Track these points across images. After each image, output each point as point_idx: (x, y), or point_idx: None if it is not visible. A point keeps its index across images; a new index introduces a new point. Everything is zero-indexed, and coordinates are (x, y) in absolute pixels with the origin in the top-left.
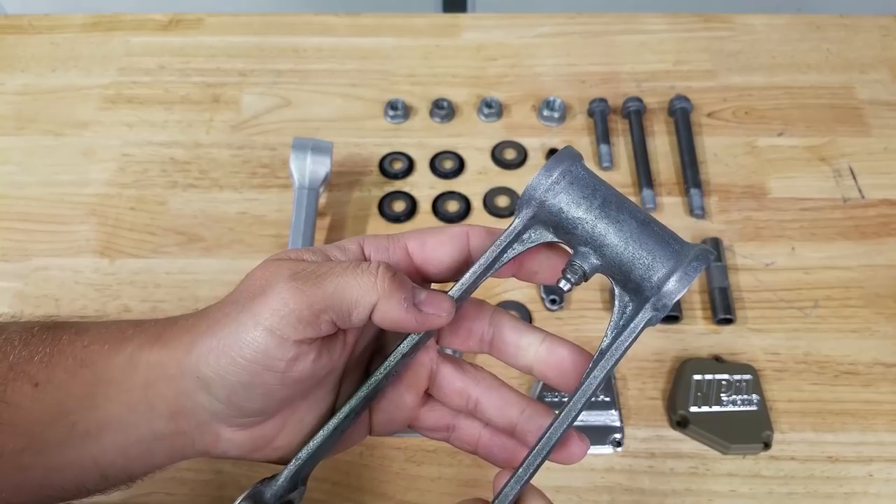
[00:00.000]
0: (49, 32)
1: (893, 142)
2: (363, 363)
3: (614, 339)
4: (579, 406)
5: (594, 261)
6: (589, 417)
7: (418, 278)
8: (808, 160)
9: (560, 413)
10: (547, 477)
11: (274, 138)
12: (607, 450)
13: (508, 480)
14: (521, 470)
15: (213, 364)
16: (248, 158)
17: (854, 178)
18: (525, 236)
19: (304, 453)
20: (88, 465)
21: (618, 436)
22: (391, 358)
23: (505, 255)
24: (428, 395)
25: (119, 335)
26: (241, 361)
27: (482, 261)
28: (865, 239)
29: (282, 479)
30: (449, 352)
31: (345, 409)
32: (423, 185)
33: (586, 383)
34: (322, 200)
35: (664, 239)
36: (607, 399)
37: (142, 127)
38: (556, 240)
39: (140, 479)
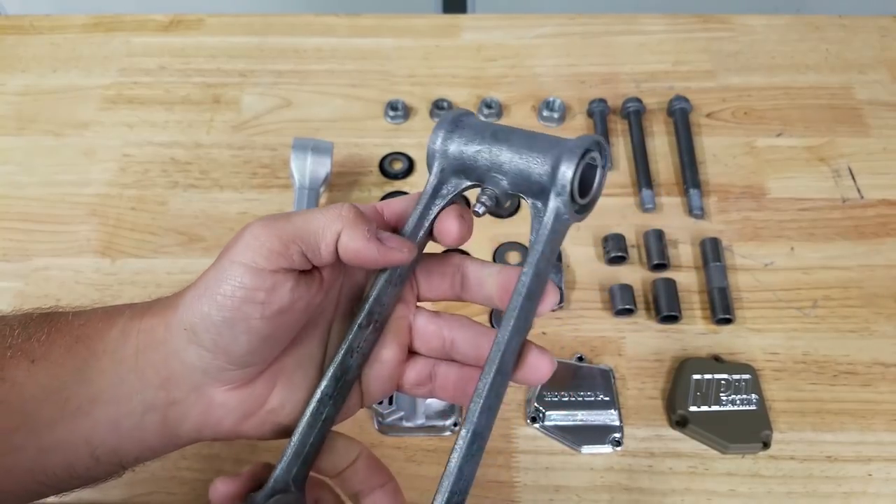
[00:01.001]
0: (50, 33)
1: (892, 142)
2: (346, 319)
3: (536, 236)
4: (516, 309)
5: (502, 182)
6: (588, 417)
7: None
8: (807, 160)
9: (503, 322)
10: (546, 477)
11: (274, 139)
12: (606, 449)
13: (469, 405)
14: (478, 386)
15: (198, 309)
16: (248, 159)
17: (853, 178)
18: (443, 190)
19: (302, 424)
20: (80, 443)
21: (617, 435)
22: (369, 300)
23: (430, 212)
24: (410, 353)
25: (113, 311)
26: (220, 299)
27: (410, 222)
28: (864, 239)
29: (277, 469)
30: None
31: (331, 368)
32: (423, 185)
33: (519, 282)
34: (322, 200)
35: (551, 141)
36: (606, 398)
37: (142, 127)
38: (469, 183)
39: (131, 467)
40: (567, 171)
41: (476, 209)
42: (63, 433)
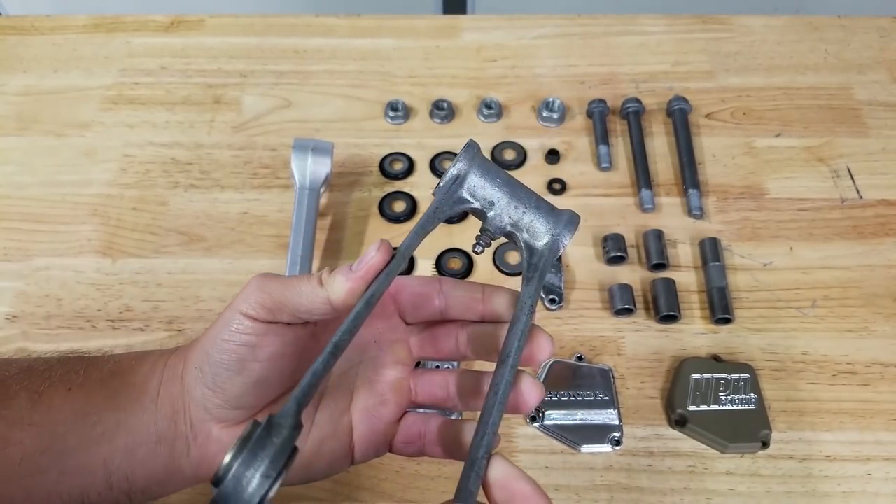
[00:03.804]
0: (51, 33)
1: (891, 142)
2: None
3: (534, 269)
4: (516, 341)
5: (504, 224)
6: (588, 416)
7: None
8: (806, 161)
9: (502, 358)
10: (545, 476)
11: (275, 139)
12: (606, 448)
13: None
14: (479, 432)
15: (204, 351)
16: (249, 159)
17: (852, 178)
18: (457, 194)
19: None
20: (98, 468)
21: (616, 435)
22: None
23: (427, 229)
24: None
25: (144, 352)
26: (220, 342)
27: (407, 240)
28: (863, 239)
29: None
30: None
31: (328, 347)
32: (424, 186)
33: (517, 326)
34: (323, 201)
35: (545, 206)
36: (606, 398)
37: (143, 128)
38: (470, 209)
39: (138, 499)
40: (566, 241)
41: (476, 250)
42: (85, 457)
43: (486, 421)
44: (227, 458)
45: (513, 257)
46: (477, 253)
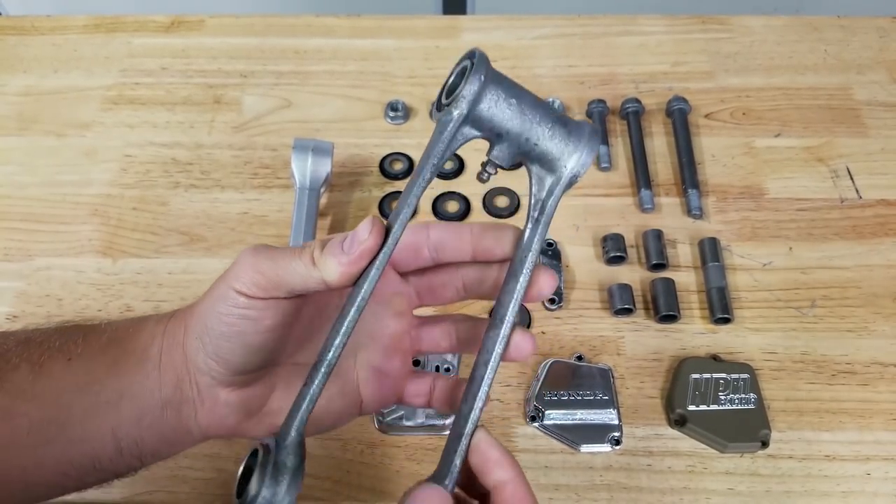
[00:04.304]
0: (51, 33)
1: (890, 142)
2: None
3: (541, 210)
4: (525, 278)
5: (512, 149)
6: (587, 416)
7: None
8: (806, 161)
9: (511, 286)
10: (545, 475)
11: (275, 139)
12: (605, 448)
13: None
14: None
15: (204, 322)
16: (249, 159)
17: (851, 178)
18: (458, 133)
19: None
20: (106, 435)
21: (616, 434)
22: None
23: (439, 163)
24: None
25: (141, 318)
26: (219, 316)
27: (433, 157)
28: (863, 239)
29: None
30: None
31: (336, 341)
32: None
33: (530, 255)
34: (323, 201)
35: (560, 131)
36: (606, 398)
37: (144, 128)
38: (478, 136)
39: (150, 462)
40: (582, 170)
41: (482, 177)
42: (92, 425)
43: (473, 395)
44: (253, 488)
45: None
46: (483, 180)
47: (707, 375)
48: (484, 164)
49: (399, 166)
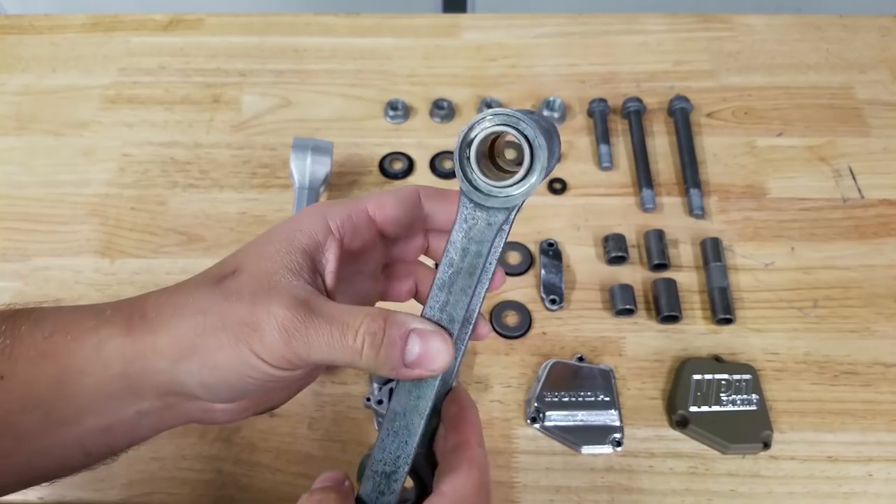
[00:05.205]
0: (49, 33)
1: (893, 142)
2: None
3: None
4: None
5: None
6: (588, 417)
7: (379, 238)
8: (808, 160)
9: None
10: (546, 477)
11: (274, 138)
12: (607, 449)
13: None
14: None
15: (208, 381)
16: (248, 158)
17: (853, 178)
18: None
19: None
20: (71, 446)
21: (617, 435)
22: None
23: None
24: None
25: (80, 325)
26: (236, 383)
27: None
28: (865, 239)
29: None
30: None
31: None
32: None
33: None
34: (322, 200)
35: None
36: (607, 399)
37: (142, 127)
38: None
39: (124, 452)
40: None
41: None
42: (52, 439)
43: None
44: None
45: (513, 257)
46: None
47: (709, 376)
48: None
49: (399, 165)
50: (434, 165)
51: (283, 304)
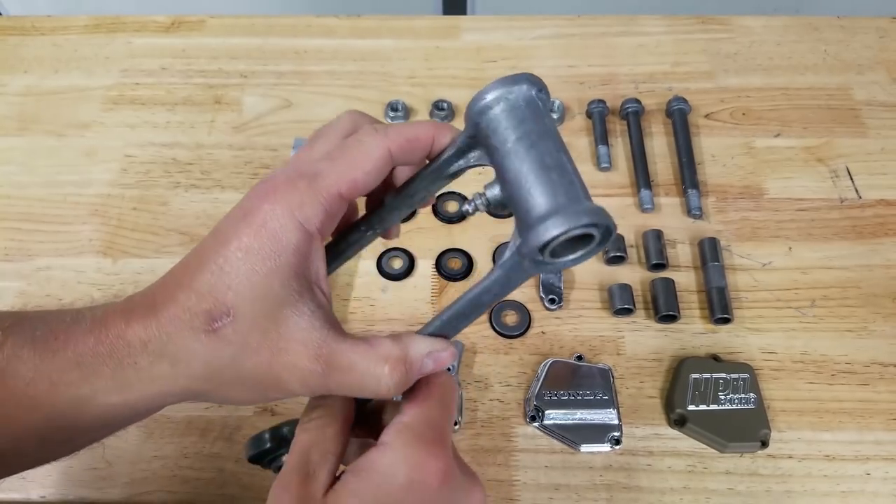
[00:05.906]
0: (51, 34)
1: (890, 142)
2: None
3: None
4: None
5: (496, 191)
6: (587, 416)
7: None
8: (806, 161)
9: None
10: (545, 475)
11: (275, 139)
12: (605, 448)
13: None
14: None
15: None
16: (249, 159)
17: (851, 178)
18: (470, 154)
19: None
20: (64, 445)
21: (616, 434)
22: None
23: (449, 169)
24: None
25: (64, 377)
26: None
27: (431, 170)
28: (862, 239)
29: None
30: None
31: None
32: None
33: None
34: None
35: (562, 185)
36: (606, 397)
37: (144, 128)
38: (489, 165)
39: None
40: (549, 232)
41: (467, 208)
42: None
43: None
44: None
45: None
46: (468, 213)
47: (707, 375)
48: (474, 196)
49: None
50: None
51: (300, 356)
